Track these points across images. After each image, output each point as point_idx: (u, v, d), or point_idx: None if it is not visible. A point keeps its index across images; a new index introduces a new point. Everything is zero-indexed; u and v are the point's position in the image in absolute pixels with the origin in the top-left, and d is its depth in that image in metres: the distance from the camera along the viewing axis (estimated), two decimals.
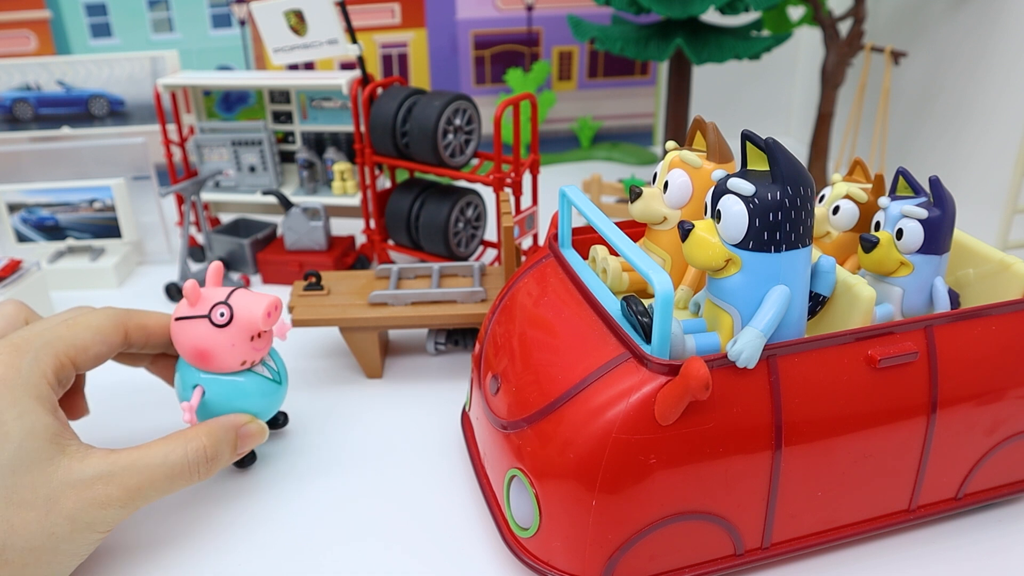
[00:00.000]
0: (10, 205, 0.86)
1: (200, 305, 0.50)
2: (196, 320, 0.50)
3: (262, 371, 0.53)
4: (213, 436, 0.49)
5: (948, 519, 0.50)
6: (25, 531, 0.41)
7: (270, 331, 0.52)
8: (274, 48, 0.81)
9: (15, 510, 0.41)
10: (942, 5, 0.99)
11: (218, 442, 0.49)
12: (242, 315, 0.50)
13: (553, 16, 1.17)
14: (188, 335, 0.50)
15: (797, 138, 1.32)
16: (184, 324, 0.50)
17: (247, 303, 0.50)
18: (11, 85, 0.94)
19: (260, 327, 0.50)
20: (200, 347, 0.50)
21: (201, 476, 0.48)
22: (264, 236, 0.86)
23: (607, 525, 0.41)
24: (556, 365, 0.44)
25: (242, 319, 0.50)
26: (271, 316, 0.50)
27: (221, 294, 0.51)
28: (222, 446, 0.49)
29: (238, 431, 0.51)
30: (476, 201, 0.82)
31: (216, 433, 0.49)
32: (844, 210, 0.53)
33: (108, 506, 0.44)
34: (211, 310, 0.50)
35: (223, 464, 0.50)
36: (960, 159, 0.97)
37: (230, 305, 0.50)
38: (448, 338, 0.70)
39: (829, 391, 0.42)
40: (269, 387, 0.53)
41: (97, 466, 0.44)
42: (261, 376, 0.53)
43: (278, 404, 0.55)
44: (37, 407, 0.44)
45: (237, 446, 0.51)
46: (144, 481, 0.45)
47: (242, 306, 0.50)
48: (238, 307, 0.50)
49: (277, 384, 0.54)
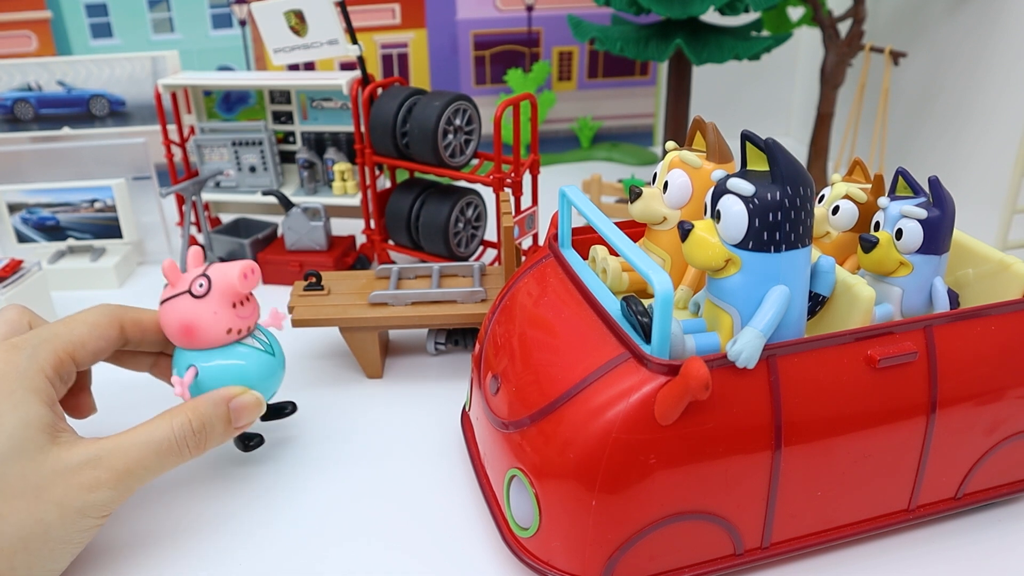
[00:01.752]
0: (11, 205, 0.86)
1: (181, 284, 0.51)
2: (178, 297, 0.51)
3: (252, 343, 0.53)
4: (198, 409, 0.48)
5: (947, 519, 0.50)
6: (15, 519, 0.42)
7: (254, 300, 0.53)
8: (274, 48, 0.81)
9: (4, 499, 0.41)
10: (942, 5, 0.99)
11: (204, 415, 0.48)
12: (219, 281, 0.51)
13: (553, 16, 1.17)
14: (173, 313, 0.51)
15: (797, 138, 1.32)
16: (168, 304, 0.51)
17: (223, 269, 0.51)
18: (12, 85, 0.94)
19: (239, 289, 0.51)
20: (184, 322, 0.51)
21: (192, 451, 0.48)
22: (264, 236, 0.86)
23: (607, 525, 0.41)
24: (556, 365, 0.44)
25: (220, 285, 0.51)
26: (248, 278, 0.51)
27: (199, 270, 0.52)
28: (211, 419, 0.49)
29: (229, 403, 0.50)
30: (476, 201, 0.82)
31: (202, 406, 0.49)
32: (844, 210, 0.53)
33: (96, 489, 0.44)
34: (191, 284, 0.51)
35: (217, 438, 0.49)
36: (960, 159, 0.97)
37: (207, 275, 0.51)
38: (448, 338, 0.70)
39: (829, 391, 0.42)
40: (263, 358, 0.53)
41: (84, 452, 0.44)
42: (251, 347, 0.53)
43: (276, 379, 0.55)
44: (32, 399, 0.44)
45: (231, 419, 0.50)
46: (132, 461, 0.45)
47: (219, 273, 0.51)
48: (215, 275, 0.51)
49: (270, 355, 0.54)
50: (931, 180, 0.48)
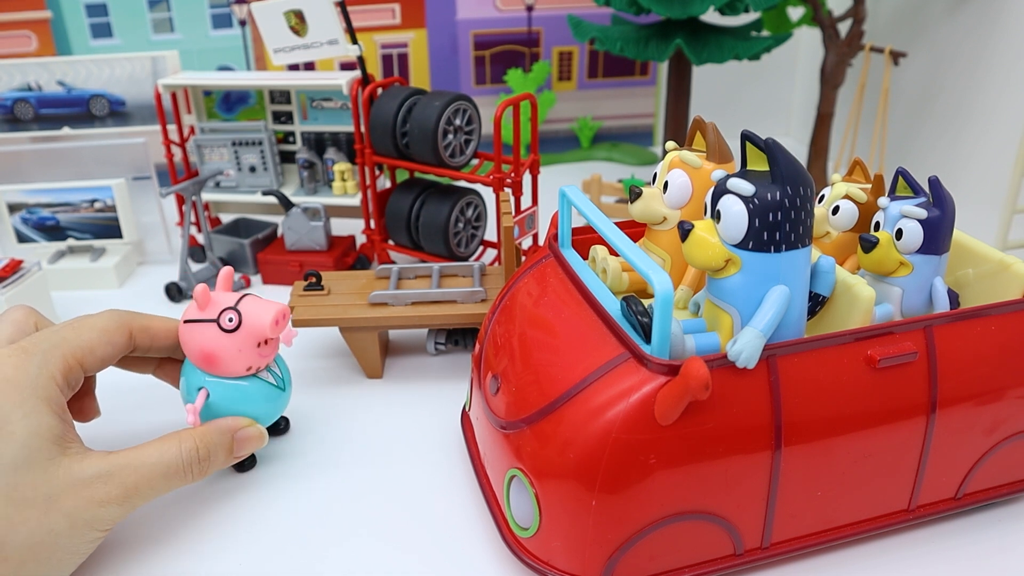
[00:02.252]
0: (11, 205, 0.86)
1: (210, 309, 0.51)
2: (205, 324, 0.50)
3: (267, 377, 0.53)
4: (206, 438, 0.50)
5: (947, 519, 0.50)
6: (24, 528, 0.42)
7: (276, 338, 0.53)
8: (274, 48, 0.81)
9: (15, 508, 0.42)
10: (942, 5, 0.99)
11: (211, 444, 0.50)
12: (250, 322, 0.50)
13: (553, 16, 1.17)
14: (196, 338, 0.50)
15: (797, 138, 1.32)
16: (193, 327, 0.51)
17: (256, 310, 0.50)
18: (12, 85, 0.94)
19: (268, 335, 0.51)
20: (207, 351, 0.50)
21: (195, 476, 0.49)
22: (264, 236, 0.86)
23: (607, 525, 0.41)
24: (556, 365, 0.44)
25: (250, 326, 0.50)
26: (279, 324, 0.51)
27: (231, 299, 0.51)
28: (215, 448, 0.50)
29: (235, 434, 0.51)
30: (476, 201, 0.82)
31: (209, 435, 0.50)
32: (844, 210, 0.53)
33: (106, 504, 0.44)
34: (220, 315, 0.50)
35: (217, 466, 0.50)
36: (960, 159, 0.97)
37: (239, 311, 0.50)
38: (448, 338, 0.70)
39: (829, 391, 0.42)
40: (273, 393, 0.54)
41: (96, 466, 0.45)
42: (265, 382, 0.53)
43: (280, 410, 0.56)
44: (43, 408, 0.44)
45: (233, 449, 0.51)
46: (141, 479, 0.46)
47: (251, 313, 0.50)
48: (247, 313, 0.50)
49: (280, 391, 0.55)
50: (931, 180, 0.48)
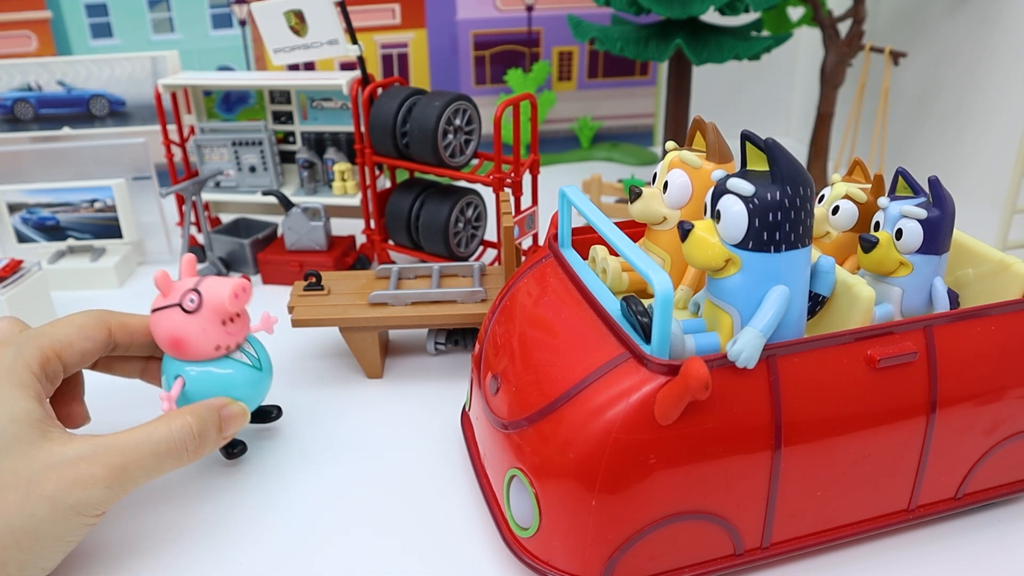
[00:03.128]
0: (11, 205, 0.86)
1: (172, 294, 0.51)
2: (169, 309, 0.51)
3: (241, 358, 0.54)
4: (197, 414, 0.49)
5: (947, 519, 0.50)
6: (5, 513, 0.41)
7: (244, 316, 0.54)
8: (274, 48, 0.81)
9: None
10: (942, 5, 0.99)
11: (203, 421, 0.49)
12: (210, 299, 0.51)
13: (553, 16, 1.17)
14: (164, 324, 0.51)
15: (797, 138, 1.32)
16: (160, 315, 0.51)
17: (215, 287, 0.51)
18: (12, 85, 0.94)
19: (229, 309, 0.51)
20: (175, 335, 0.51)
21: (190, 454, 0.48)
22: (264, 236, 0.86)
23: (607, 525, 0.41)
24: (556, 365, 0.44)
25: (210, 303, 0.51)
26: (238, 298, 0.51)
27: (191, 282, 0.52)
28: (207, 425, 0.49)
29: (220, 412, 0.51)
30: (476, 201, 0.82)
31: (200, 412, 0.49)
32: (843, 210, 0.53)
33: (91, 486, 0.43)
34: (182, 297, 0.51)
35: (210, 445, 0.50)
36: (960, 159, 0.97)
37: (199, 291, 0.51)
38: (448, 338, 0.70)
39: (829, 391, 0.42)
40: (250, 373, 0.54)
41: (78, 447, 0.44)
42: (240, 363, 0.53)
43: (262, 392, 0.56)
44: (19, 393, 0.44)
45: (222, 428, 0.51)
46: (128, 460, 0.45)
47: (210, 290, 0.51)
48: (206, 291, 0.51)
49: (257, 370, 0.54)
50: (931, 180, 0.48)
